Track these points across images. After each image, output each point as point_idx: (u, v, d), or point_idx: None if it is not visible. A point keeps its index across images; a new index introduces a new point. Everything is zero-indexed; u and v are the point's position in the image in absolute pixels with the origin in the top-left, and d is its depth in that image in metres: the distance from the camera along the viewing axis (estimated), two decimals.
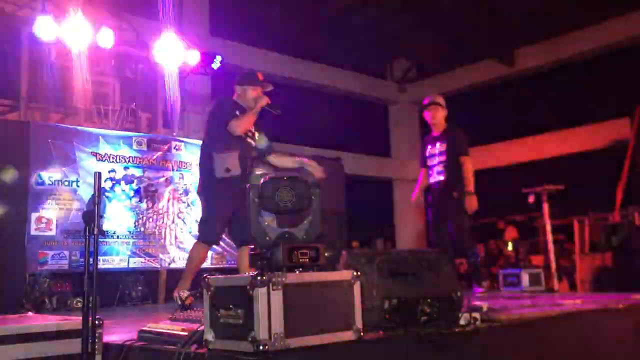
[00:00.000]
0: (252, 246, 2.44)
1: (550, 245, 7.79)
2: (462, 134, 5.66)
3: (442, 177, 5.52)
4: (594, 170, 11.51)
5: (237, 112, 4.47)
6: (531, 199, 7.82)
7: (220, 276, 2.43)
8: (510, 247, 10.67)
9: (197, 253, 4.62)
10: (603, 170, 10.81)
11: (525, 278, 7.01)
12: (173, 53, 7.63)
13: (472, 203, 5.42)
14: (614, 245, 9.14)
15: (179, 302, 4.30)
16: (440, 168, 5.54)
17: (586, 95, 12.14)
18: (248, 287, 2.17)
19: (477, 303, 3.20)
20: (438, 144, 5.60)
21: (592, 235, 9.33)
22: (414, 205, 5.64)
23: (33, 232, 6.19)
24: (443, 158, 5.54)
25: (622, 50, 11.65)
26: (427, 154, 5.62)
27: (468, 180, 5.42)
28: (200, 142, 8.01)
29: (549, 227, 7.81)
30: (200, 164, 4.64)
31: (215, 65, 8.15)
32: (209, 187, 4.46)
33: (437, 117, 5.68)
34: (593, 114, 11.82)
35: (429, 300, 2.83)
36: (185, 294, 4.40)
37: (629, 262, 8.09)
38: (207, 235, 4.57)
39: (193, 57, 7.96)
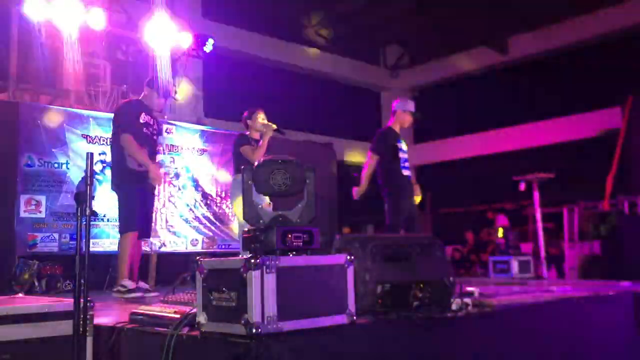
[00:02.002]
0: (246, 229, 2.43)
1: (540, 233, 7.84)
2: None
3: (409, 173, 5.79)
4: (584, 159, 11.57)
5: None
6: (522, 186, 7.86)
7: (213, 259, 2.41)
8: (500, 234, 10.72)
9: (125, 243, 4.73)
10: (594, 159, 10.87)
11: (514, 265, 7.07)
12: (165, 35, 7.56)
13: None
14: (602, 233, 9.21)
15: (123, 291, 4.52)
16: (408, 164, 5.82)
17: (578, 84, 12.17)
18: (241, 269, 2.16)
19: (469, 288, 3.21)
20: (405, 144, 5.87)
21: (581, 224, 9.39)
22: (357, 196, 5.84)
23: (22, 214, 6.14)
24: (407, 156, 5.85)
25: (614, 39, 11.67)
26: (399, 148, 5.81)
27: None
28: (192, 125, 8.00)
29: (539, 215, 7.86)
30: (112, 159, 4.98)
31: (208, 48, 8.09)
32: (124, 179, 4.77)
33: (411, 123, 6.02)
34: (585, 103, 11.85)
35: (421, 285, 2.83)
36: (127, 282, 4.58)
37: (617, 250, 8.15)
38: (126, 225, 4.73)
39: (185, 40, 7.88)
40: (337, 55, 13.79)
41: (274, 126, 5.24)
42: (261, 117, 5.35)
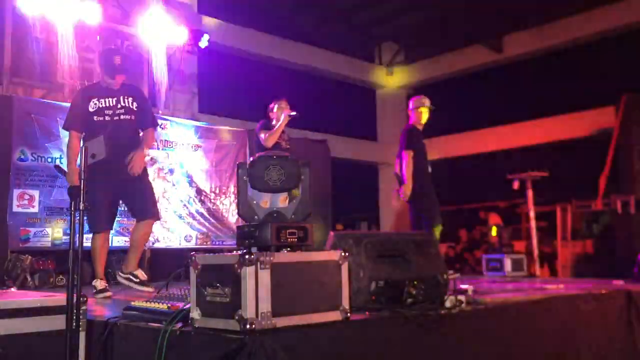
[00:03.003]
0: (240, 224, 2.42)
1: (533, 232, 7.87)
2: None
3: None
4: (578, 158, 11.61)
5: None
6: (515, 185, 7.89)
7: (207, 254, 2.41)
8: (494, 232, 10.77)
9: (95, 244, 4.57)
10: (587, 159, 10.91)
11: (507, 263, 7.09)
12: (160, 31, 7.53)
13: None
14: (595, 232, 9.26)
15: (95, 291, 4.44)
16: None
17: (572, 83, 12.20)
18: (236, 265, 2.16)
19: (463, 286, 3.22)
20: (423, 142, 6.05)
21: (574, 223, 9.43)
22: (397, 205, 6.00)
23: (15, 209, 6.11)
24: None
25: (608, 39, 11.71)
26: (423, 145, 6.08)
27: None
28: (187, 121, 7.98)
29: (532, 214, 7.89)
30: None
31: (203, 44, 8.06)
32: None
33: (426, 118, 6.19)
34: (578, 102, 11.89)
35: (415, 282, 2.84)
36: (98, 282, 4.52)
37: (609, 249, 8.20)
38: (94, 226, 4.51)
39: (180, 35, 7.86)
40: (333, 52, 13.77)
41: (292, 112, 5.49)
42: (284, 105, 5.62)
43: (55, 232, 6.34)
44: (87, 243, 6.30)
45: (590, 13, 11.48)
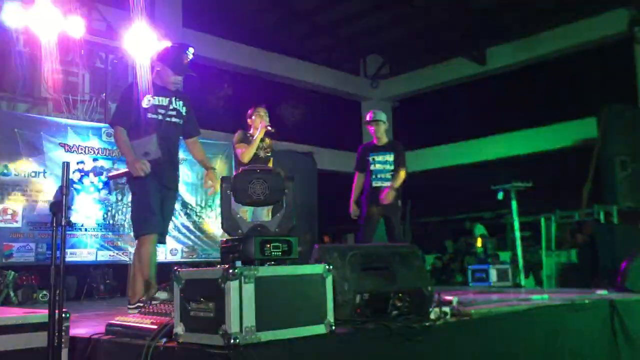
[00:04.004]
0: (224, 239, 2.42)
1: (518, 242, 7.92)
2: (403, 148, 6.22)
3: (389, 184, 5.88)
4: (561, 169, 11.72)
5: None
6: (500, 195, 7.94)
7: (191, 269, 2.41)
8: (479, 243, 10.81)
9: (147, 248, 4.01)
10: (570, 169, 11.01)
11: (493, 274, 7.13)
12: (144, 44, 7.53)
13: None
14: (579, 242, 9.33)
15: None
16: (388, 175, 5.93)
17: (555, 95, 12.34)
18: (219, 280, 2.15)
19: (448, 297, 3.23)
20: (386, 155, 6.01)
21: (558, 233, 9.49)
22: (353, 216, 5.92)
23: None
24: (391, 167, 5.96)
25: (590, 51, 11.87)
26: (370, 161, 6.01)
27: (395, 186, 5.94)
28: None
29: (517, 224, 7.94)
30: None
31: (188, 57, 8.05)
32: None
33: (380, 131, 6.10)
34: (561, 113, 12.02)
35: (400, 294, 2.84)
36: (159, 292, 3.87)
37: (593, 259, 8.26)
38: (147, 226, 3.99)
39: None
40: (318, 65, 13.83)
41: (268, 127, 5.26)
42: (262, 113, 5.41)
43: (38, 247, 6.29)
44: (69, 258, 6.29)
45: (571, 26, 11.65)
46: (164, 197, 4.07)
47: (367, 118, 6.19)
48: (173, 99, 4.17)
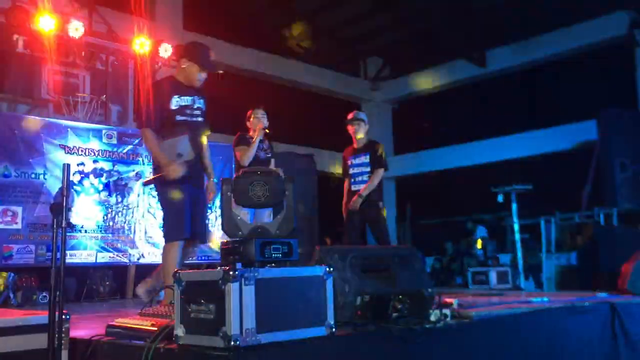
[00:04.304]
0: (224, 240, 2.42)
1: (518, 244, 7.91)
2: (381, 147, 6.04)
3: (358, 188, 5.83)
4: (561, 171, 11.71)
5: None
6: (500, 198, 7.94)
7: (191, 271, 2.40)
8: (479, 245, 10.81)
9: (175, 253, 3.91)
10: (570, 171, 11.01)
11: (493, 276, 7.13)
12: (145, 46, 7.54)
13: (356, 203, 5.78)
14: (579, 244, 9.32)
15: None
16: (365, 178, 5.83)
17: (555, 97, 12.35)
18: (220, 282, 2.15)
19: (448, 299, 3.23)
20: (361, 157, 5.93)
21: (558, 235, 9.48)
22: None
23: None
24: (368, 169, 5.84)
25: (590, 53, 11.88)
26: (349, 164, 5.97)
27: (368, 185, 5.78)
28: None
29: (517, 226, 7.94)
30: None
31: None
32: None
33: (359, 132, 5.99)
34: (561, 115, 12.02)
35: (400, 296, 2.84)
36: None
37: (593, 261, 8.24)
38: (178, 232, 3.92)
39: (165, 51, 7.87)
40: (318, 67, 13.84)
41: (266, 129, 5.30)
42: (260, 115, 5.43)
43: (38, 248, 6.29)
44: (69, 259, 6.28)
45: (571, 28, 11.66)
46: (197, 198, 4.04)
47: (348, 117, 6.11)
48: (195, 97, 4.11)
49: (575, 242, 9.36)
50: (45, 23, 6.67)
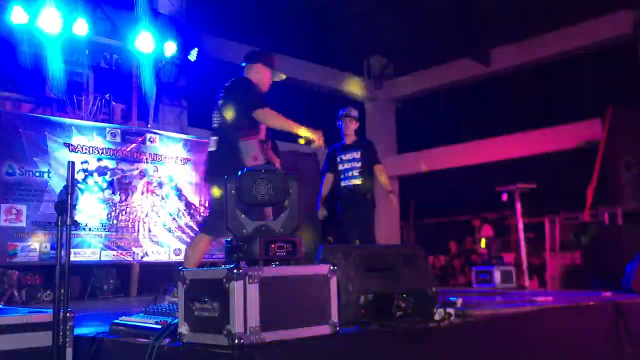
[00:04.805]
0: (229, 239, 2.42)
1: (522, 243, 7.90)
2: (374, 145, 6.10)
3: (357, 181, 5.80)
4: (565, 170, 11.68)
5: None
6: (504, 197, 7.92)
7: (195, 269, 2.40)
8: (483, 244, 10.79)
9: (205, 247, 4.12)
10: (574, 170, 10.98)
11: (497, 275, 7.12)
12: (149, 44, 7.54)
13: (394, 200, 5.86)
14: (583, 244, 9.30)
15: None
16: (355, 173, 5.81)
17: (559, 96, 12.31)
18: (224, 280, 2.15)
19: (452, 298, 3.23)
20: (352, 152, 5.91)
21: (562, 234, 9.47)
22: (320, 216, 5.84)
23: (2, 223, 6.07)
24: (358, 164, 5.83)
25: (594, 51, 11.84)
26: (338, 160, 5.94)
27: (386, 182, 5.84)
28: (175, 134, 7.97)
29: (521, 225, 7.93)
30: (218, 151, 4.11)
31: (192, 57, 8.09)
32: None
33: (350, 128, 6.00)
34: (566, 114, 11.99)
35: (404, 295, 2.83)
36: None
37: (597, 261, 8.23)
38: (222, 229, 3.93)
39: (169, 49, 7.87)
40: (322, 65, 13.83)
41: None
42: None
43: (43, 246, 6.30)
44: (73, 257, 6.29)
45: (575, 27, 11.62)
46: None
47: (341, 113, 6.11)
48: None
49: (580, 241, 9.34)
50: (50, 21, 6.68)
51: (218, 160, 4.01)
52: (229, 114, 4.04)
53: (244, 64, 4.37)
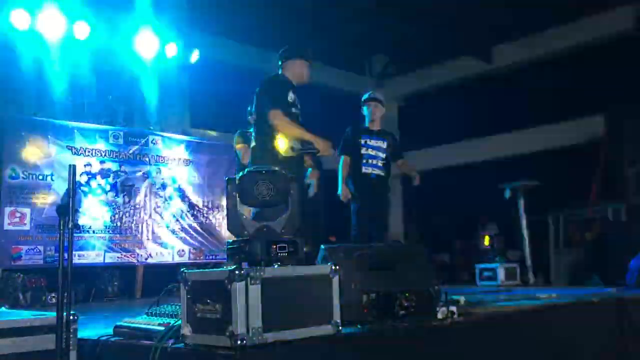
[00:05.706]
0: (230, 240, 2.42)
1: (526, 240, 7.89)
2: (397, 139, 5.96)
3: (382, 173, 5.58)
4: (569, 167, 11.65)
5: None
6: (508, 194, 7.91)
7: (197, 270, 2.41)
8: (487, 241, 10.78)
9: None
10: (578, 167, 10.96)
11: (501, 272, 7.10)
12: (150, 46, 7.56)
13: (417, 179, 5.70)
14: (587, 240, 9.29)
15: None
16: (379, 163, 5.58)
17: (562, 92, 12.27)
18: (226, 281, 2.15)
19: (455, 297, 3.23)
20: (379, 141, 5.66)
21: (566, 231, 9.46)
22: (344, 198, 5.58)
23: (6, 227, 6.09)
24: (383, 155, 5.61)
25: (597, 48, 11.81)
26: (362, 143, 5.63)
27: (411, 168, 5.77)
28: (178, 136, 7.98)
29: (525, 222, 7.91)
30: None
31: (194, 59, 8.10)
32: None
33: (377, 113, 5.76)
34: (569, 110, 11.96)
35: (406, 294, 2.84)
36: None
37: (602, 257, 8.22)
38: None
39: (171, 50, 7.88)
40: (323, 64, 13.82)
41: None
42: None
43: (47, 249, 6.32)
44: (77, 260, 6.31)
45: (578, 23, 11.59)
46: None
47: (368, 96, 5.80)
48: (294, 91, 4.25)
49: (584, 238, 9.33)
50: (52, 24, 6.70)
51: (252, 156, 4.10)
52: (256, 109, 4.16)
53: (280, 62, 4.53)
